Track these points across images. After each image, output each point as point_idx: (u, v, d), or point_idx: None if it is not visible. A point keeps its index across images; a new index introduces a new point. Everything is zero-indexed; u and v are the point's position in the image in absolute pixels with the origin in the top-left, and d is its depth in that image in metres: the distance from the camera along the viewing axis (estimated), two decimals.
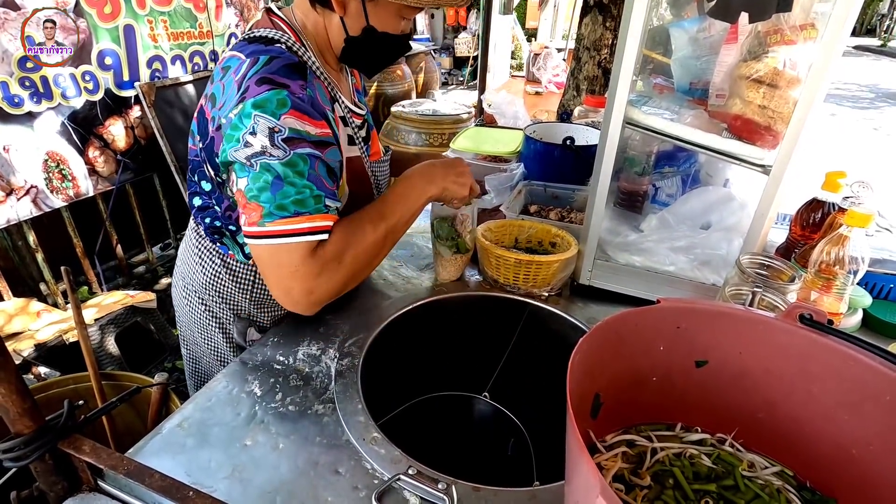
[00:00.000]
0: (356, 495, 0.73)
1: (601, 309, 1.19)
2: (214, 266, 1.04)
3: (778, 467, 0.64)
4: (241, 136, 0.79)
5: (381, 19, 0.88)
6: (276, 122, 0.78)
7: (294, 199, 0.79)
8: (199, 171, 0.95)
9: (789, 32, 0.99)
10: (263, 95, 0.77)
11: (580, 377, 0.56)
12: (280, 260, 0.81)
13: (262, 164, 0.78)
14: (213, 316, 1.09)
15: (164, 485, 0.62)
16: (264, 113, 0.77)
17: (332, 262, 0.82)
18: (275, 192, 0.78)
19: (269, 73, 0.79)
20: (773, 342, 0.61)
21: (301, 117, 0.79)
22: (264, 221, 0.79)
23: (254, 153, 0.78)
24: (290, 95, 0.79)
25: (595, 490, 0.39)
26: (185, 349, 1.21)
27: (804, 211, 1.14)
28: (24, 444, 0.63)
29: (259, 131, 0.77)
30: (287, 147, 0.78)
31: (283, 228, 0.78)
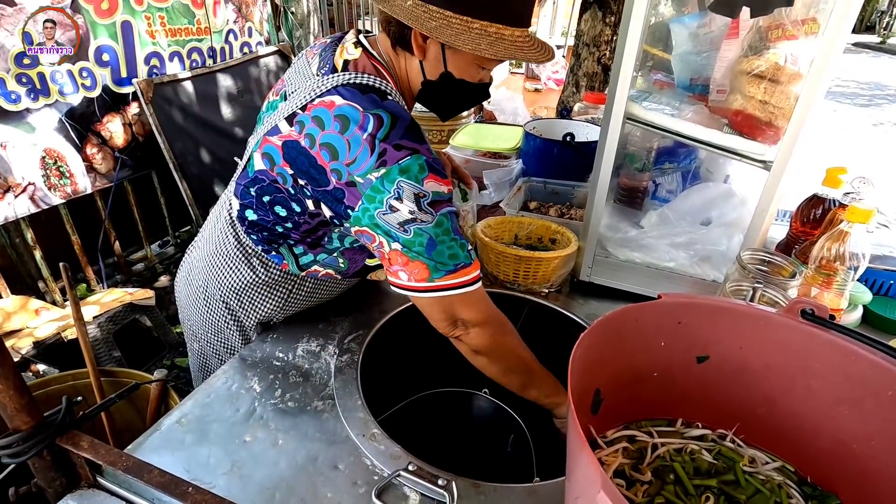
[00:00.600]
0: (356, 491, 0.73)
1: (601, 305, 1.19)
2: (254, 275, 1.03)
3: (779, 463, 0.64)
4: (385, 199, 0.82)
5: (459, 67, 0.90)
6: (420, 189, 0.82)
7: (450, 255, 0.86)
8: (276, 196, 0.94)
9: (791, 27, 0.99)
10: (405, 162, 0.81)
11: (581, 373, 0.55)
12: (449, 305, 0.90)
13: (415, 230, 0.83)
14: (235, 319, 1.10)
15: (163, 481, 0.62)
16: (409, 179, 0.82)
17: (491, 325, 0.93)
18: (431, 253, 0.85)
19: (400, 139, 0.82)
20: (774, 337, 0.61)
21: (438, 180, 0.85)
22: (433, 278, 0.86)
23: (405, 220, 0.83)
24: (427, 160, 0.83)
25: (596, 485, 0.39)
26: (195, 344, 1.21)
27: (805, 207, 1.13)
28: (22, 441, 0.63)
29: (405, 197, 0.82)
30: (433, 210, 0.84)
31: (450, 282, 0.87)
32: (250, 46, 3.40)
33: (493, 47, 0.81)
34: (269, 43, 3.57)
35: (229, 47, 3.23)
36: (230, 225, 1.03)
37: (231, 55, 3.24)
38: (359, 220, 0.87)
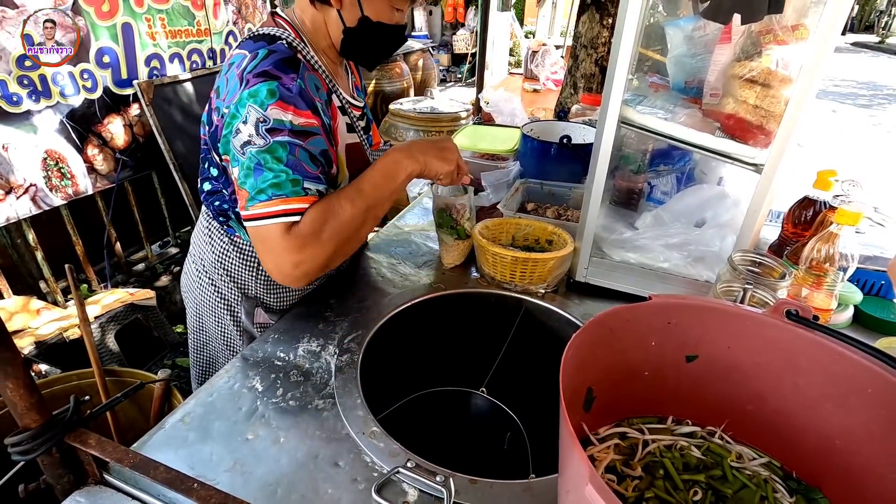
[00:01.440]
0: (356, 487, 0.75)
1: (596, 305, 1.21)
2: (223, 245, 1.10)
3: (765, 458, 0.66)
4: (235, 124, 0.87)
5: (375, 10, 0.95)
6: (262, 113, 0.85)
7: (271, 183, 0.85)
8: (208, 157, 1.02)
9: (781, 33, 1.00)
10: (256, 87, 0.85)
11: (573, 372, 0.57)
12: (265, 239, 0.88)
13: (248, 153, 0.86)
14: (222, 296, 1.14)
15: (168, 477, 0.63)
16: (254, 104, 0.85)
17: (310, 237, 0.88)
18: (256, 178, 0.86)
19: (265, 67, 0.87)
20: (761, 337, 0.63)
21: (285, 107, 0.86)
22: (248, 205, 0.87)
23: (243, 142, 0.86)
24: (280, 87, 0.86)
25: (585, 479, 0.41)
26: (191, 339, 1.25)
27: (796, 209, 1.16)
28: (32, 438, 0.65)
29: (249, 121, 0.85)
30: (268, 136, 0.85)
31: (262, 211, 0.86)
32: None
33: None
34: None
35: (229, 48, 3.24)
36: (203, 203, 1.12)
37: None
38: (223, 149, 0.92)
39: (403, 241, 1.49)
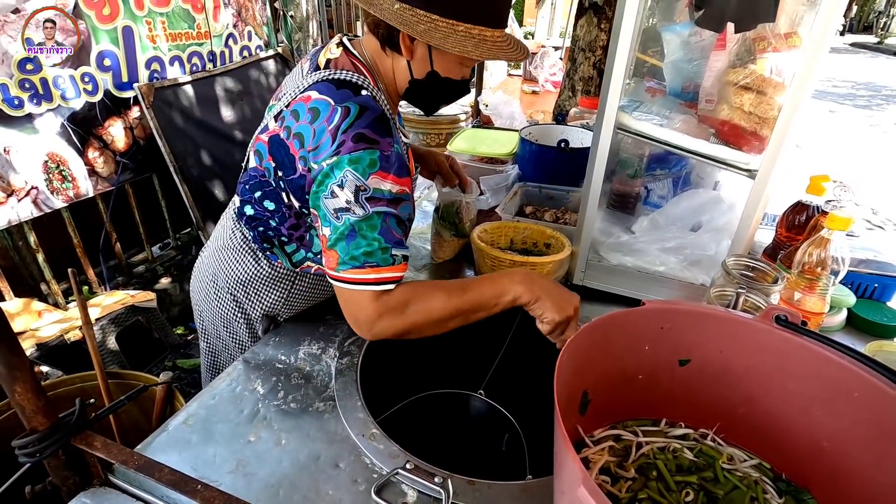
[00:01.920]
0: (356, 489, 0.77)
1: (594, 309, 1.22)
2: (259, 268, 1.10)
3: (756, 460, 0.67)
4: (329, 184, 0.86)
5: (445, 66, 0.94)
6: (363, 182, 0.85)
7: (364, 252, 0.87)
8: (265, 190, 1.00)
9: (774, 40, 1.02)
10: (358, 154, 0.85)
11: (568, 376, 0.59)
12: (350, 300, 0.90)
13: (345, 220, 0.87)
14: (242, 311, 1.15)
15: (173, 478, 0.65)
16: (356, 171, 0.85)
17: (394, 311, 0.89)
18: (348, 244, 0.87)
19: (361, 129, 0.86)
20: (752, 342, 0.65)
21: (385, 177, 0.87)
22: (339, 269, 0.88)
23: (339, 207, 0.87)
24: (381, 155, 0.86)
25: (578, 481, 0.42)
26: (204, 343, 1.28)
27: (789, 213, 1.17)
28: (39, 441, 0.66)
29: (346, 186, 0.85)
30: (368, 206, 0.86)
31: (354, 277, 0.88)
32: (250, 50, 3.43)
33: (477, 49, 0.86)
34: (268, 46, 3.60)
35: (229, 51, 3.26)
36: (235, 221, 1.11)
37: (231, 59, 3.27)
38: (313, 204, 0.92)
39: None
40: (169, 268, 3.09)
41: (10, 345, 0.61)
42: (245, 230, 1.09)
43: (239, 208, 1.08)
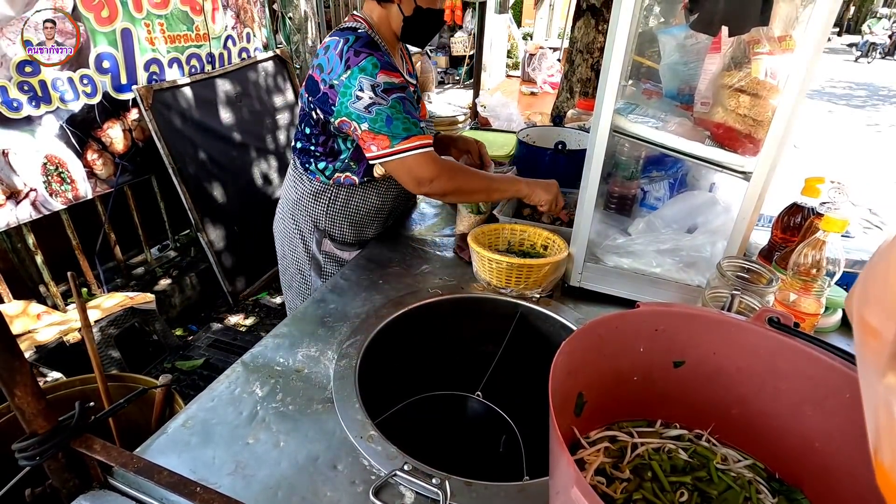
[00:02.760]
0: (354, 490, 0.77)
1: (590, 310, 1.23)
2: (305, 188, 1.48)
3: (750, 460, 0.68)
4: (352, 92, 1.20)
5: (425, 0, 1.31)
6: (374, 80, 1.19)
7: (404, 127, 1.22)
8: (305, 119, 1.38)
9: (768, 44, 1.03)
10: (362, 63, 1.19)
11: (564, 377, 0.60)
12: (412, 164, 1.24)
13: (376, 111, 1.20)
14: (298, 228, 1.54)
15: (172, 481, 0.65)
16: (366, 75, 1.19)
17: (448, 171, 1.28)
18: (389, 126, 1.21)
19: (359, 46, 1.21)
20: (745, 343, 0.65)
21: (388, 73, 1.21)
22: (394, 144, 1.22)
23: (368, 104, 1.20)
24: (379, 59, 1.20)
25: (571, 482, 0.43)
26: (280, 264, 1.69)
27: (785, 215, 1.18)
28: (39, 444, 0.67)
29: (365, 89, 1.19)
30: (387, 96, 1.20)
31: (408, 145, 1.22)
32: (248, 52, 3.44)
33: None
34: (267, 48, 3.61)
35: (228, 53, 3.26)
36: (292, 158, 1.52)
37: (229, 61, 3.28)
38: (339, 113, 1.25)
39: (400, 248, 1.52)
40: (168, 269, 3.10)
41: (10, 348, 0.61)
42: (297, 161, 1.48)
43: (294, 147, 1.48)
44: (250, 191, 3.32)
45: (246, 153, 3.28)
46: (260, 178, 3.39)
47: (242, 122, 3.24)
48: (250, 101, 3.33)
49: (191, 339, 2.87)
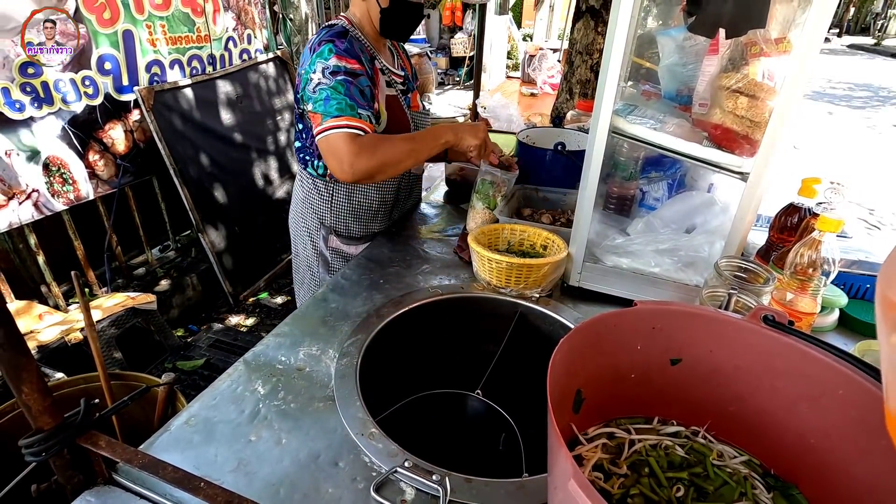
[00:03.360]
0: (355, 487, 0.78)
1: (590, 309, 1.24)
2: (309, 187, 1.55)
3: (745, 457, 0.69)
4: (308, 76, 1.29)
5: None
6: (325, 63, 1.26)
7: (337, 107, 1.24)
8: (296, 117, 1.46)
9: (765, 46, 1.04)
10: (321, 49, 1.28)
11: (562, 375, 0.61)
12: (334, 146, 1.24)
13: (319, 90, 1.26)
14: (306, 226, 1.59)
15: (176, 476, 0.66)
16: (320, 59, 1.26)
17: (367, 149, 1.25)
18: (326, 105, 1.24)
19: (324, 37, 1.29)
20: (741, 341, 0.66)
21: (340, 58, 1.27)
22: (323, 121, 1.25)
23: (315, 85, 1.26)
24: (335, 46, 1.27)
25: (568, 476, 0.44)
26: (294, 262, 1.76)
27: (782, 215, 1.19)
28: (45, 440, 0.68)
29: (316, 70, 1.27)
30: (332, 77, 1.25)
31: (333, 124, 1.23)
32: (249, 53, 3.45)
33: None
34: (267, 49, 3.62)
35: (229, 54, 3.28)
36: (297, 159, 1.56)
37: (230, 62, 3.29)
38: (302, 100, 1.34)
39: (401, 248, 1.52)
40: (169, 270, 3.11)
41: (18, 346, 0.62)
42: (299, 161, 1.54)
43: (294, 145, 1.54)
44: (251, 191, 3.33)
45: (247, 154, 3.30)
46: (261, 178, 3.40)
47: (243, 123, 3.26)
48: (251, 102, 3.35)
49: (191, 339, 2.88)
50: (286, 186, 3.59)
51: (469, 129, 1.39)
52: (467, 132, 1.37)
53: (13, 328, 0.61)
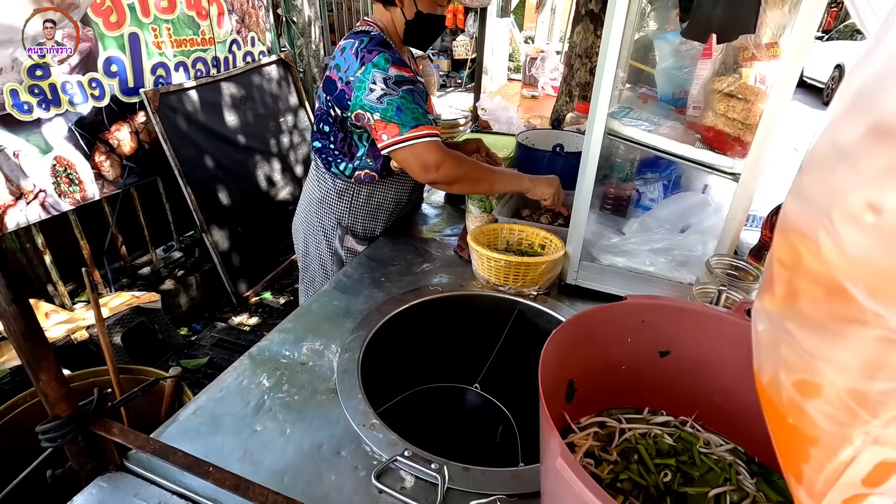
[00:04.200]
0: (357, 475, 0.81)
1: (585, 307, 1.27)
2: (328, 186, 1.56)
3: (731, 445, 0.72)
4: (366, 86, 1.29)
5: (425, 6, 1.39)
6: (386, 74, 1.29)
7: (413, 117, 1.29)
8: (323, 118, 1.46)
9: (756, 51, 1.07)
10: (376, 59, 1.29)
11: (553, 365, 0.64)
12: (420, 151, 1.30)
13: (387, 101, 1.28)
14: (322, 225, 1.61)
15: (186, 461, 0.69)
16: (378, 70, 1.29)
17: (454, 159, 1.33)
18: (400, 115, 1.28)
19: (372, 46, 1.31)
20: (726, 334, 0.69)
21: (399, 68, 1.31)
22: (403, 131, 1.29)
23: (380, 95, 1.28)
24: (391, 55, 1.30)
25: (556, 454, 0.47)
26: (300, 263, 1.77)
27: (773, 215, 1.22)
28: (61, 427, 0.71)
29: (377, 81, 1.28)
30: (397, 87, 1.29)
31: (417, 133, 1.29)
32: (253, 55, 3.49)
33: None
34: (271, 52, 3.66)
35: (233, 57, 3.32)
36: (313, 159, 1.59)
37: (234, 64, 3.33)
38: (354, 107, 1.33)
39: (402, 247, 1.56)
40: (173, 270, 3.14)
41: (37, 337, 0.65)
42: (318, 160, 1.55)
43: (313, 146, 1.55)
44: (254, 192, 3.37)
45: (250, 155, 3.33)
46: (264, 179, 3.44)
47: (247, 124, 3.30)
48: (254, 104, 3.38)
49: (195, 338, 2.91)
50: (289, 187, 3.63)
51: (545, 180, 1.47)
52: (544, 182, 1.45)
53: (33, 320, 0.65)
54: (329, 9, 6.27)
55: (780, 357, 0.29)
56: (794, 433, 0.29)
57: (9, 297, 0.61)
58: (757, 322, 0.31)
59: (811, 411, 0.27)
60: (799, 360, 0.28)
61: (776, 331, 0.30)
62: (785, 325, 0.29)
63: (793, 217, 0.29)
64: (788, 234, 0.29)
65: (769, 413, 0.31)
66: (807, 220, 0.28)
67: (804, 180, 0.29)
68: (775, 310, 0.30)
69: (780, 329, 0.29)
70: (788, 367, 0.29)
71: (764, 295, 0.31)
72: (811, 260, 0.27)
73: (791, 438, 0.29)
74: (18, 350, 0.65)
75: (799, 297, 0.28)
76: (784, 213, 0.30)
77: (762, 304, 0.31)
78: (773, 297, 0.30)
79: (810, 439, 0.28)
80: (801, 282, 0.28)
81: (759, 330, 0.31)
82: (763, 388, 0.31)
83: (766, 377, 0.31)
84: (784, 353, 0.29)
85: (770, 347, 0.30)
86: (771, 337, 0.30)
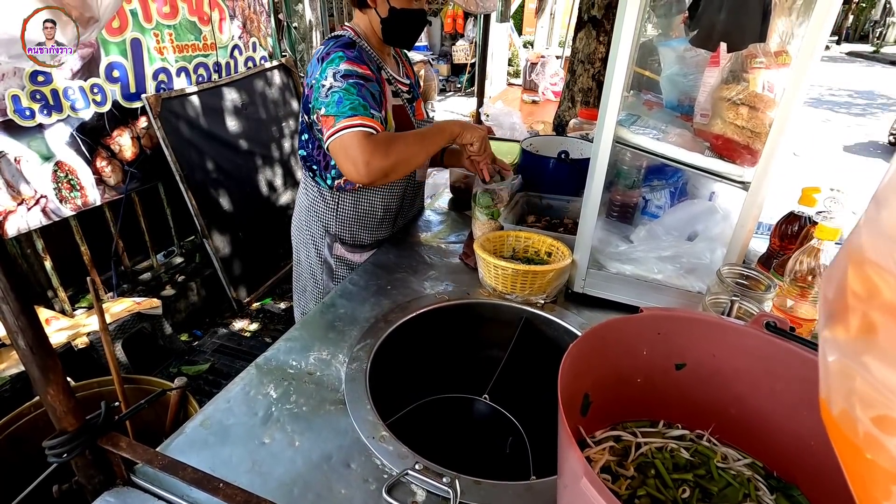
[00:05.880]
0: (367, 488, 0.80)
1: (594, 315, 1.26)
2: (314, 195, 1.57)
3: (749, 459, 0.71)
4: (320, 84, 1.29)
5: (399, 1, 1.36)
6: (336, 68, 1.28)
7: (350, 107, 1.24)
8: (302, 126, 1.48)
9: (765, 59, 1.07)
10: (331, 56, 1.30)
11: (570, 379, 0.63)
12: (347, 146, 1.22)
13: (331, 94, 1.26)
14: (311, 234, 1.61)
15: (196, 477, 0.68)
16: (331, 66, 1.28)
17: (381, 148, 1.24)
18: (338, 106, 1.24)
19: (335, 47, 1.32)
20: (743, 346, 0.68)
21: (353, 64, 1.29)
22: (336, 123, 1.23)
23: (327, 89, 1.27)
24: (345, 54, 1.30)
25: (580, 474, 0.46)
26: (294, 271, 1.78)
27: (782, 223, 1.21)
28: (68, 441, 0.70)
29: (328, 76, 1.28)
30: (343, 80, 1.26)
31: (347, 123, 1.22)
32: (254, 61, 3.49)
33: None
34: (272, 57, 3.66)
35: (234, 62, 3.32)
36: (302, 170, 1.59)
37: (236, 70, 3.33)
38: (314, 109, 1.33)
39: (407, 254, 1.55)
40: (173, 275, 3.13)
41: (46, 348, 0.64)
42: (304, 171, 1.56)
43: (299, 154, 1.54)
44: (255, 198, 3.36)
45: (251, 160, 3.33)
46: (265, 185, 3.43)
47: (248, 129, 3.29)
48: (256, 109, 3.38)
49: (196, 344, 2.90)
50: (290, 193, 3.62)
51: (470, 125, 1.45)
52: (468, 127, 1.44)
53: (41, 332, 0.64)
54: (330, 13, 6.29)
55: (855, 391, 0.29)
56: (873, 469, 0.28)
57: (17, 308, 0.60)
58: (827, 352, 0.31)
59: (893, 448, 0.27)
60: (878, 395, 0.27)
61: (850, 363, 0.29)
62: (861, 359, 0.28)
63: (870, 250, 0.29)
64: (865, 266, 0.29)
65: (841, 446, 0.31)
66: (886, 255, 0.28)
67: (882, 213, 0.29)
68: (849, 343, 0.29)
69: (854, 362, 0.29)
70: (865, 402, 0.28)
71: (836, 326, 0.31)
72: (891, 295, 0.27)
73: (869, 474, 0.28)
74: (26, 363, 0.64)
75: (877, 331, 0.28)
76: (859, 245, 0.30)
77: (832, 334, 0.31)
78: (847, 328, 0.30)
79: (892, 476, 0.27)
80: (880, 316, 0.28)
81: (828, 360, 0.31)
82: (833, 419, 0.31)
83: (837, 409, 0.30)
84: (860, 388, 0.28)
85: (842, 379, 0.30)
86: (843, 368, 0.30)
